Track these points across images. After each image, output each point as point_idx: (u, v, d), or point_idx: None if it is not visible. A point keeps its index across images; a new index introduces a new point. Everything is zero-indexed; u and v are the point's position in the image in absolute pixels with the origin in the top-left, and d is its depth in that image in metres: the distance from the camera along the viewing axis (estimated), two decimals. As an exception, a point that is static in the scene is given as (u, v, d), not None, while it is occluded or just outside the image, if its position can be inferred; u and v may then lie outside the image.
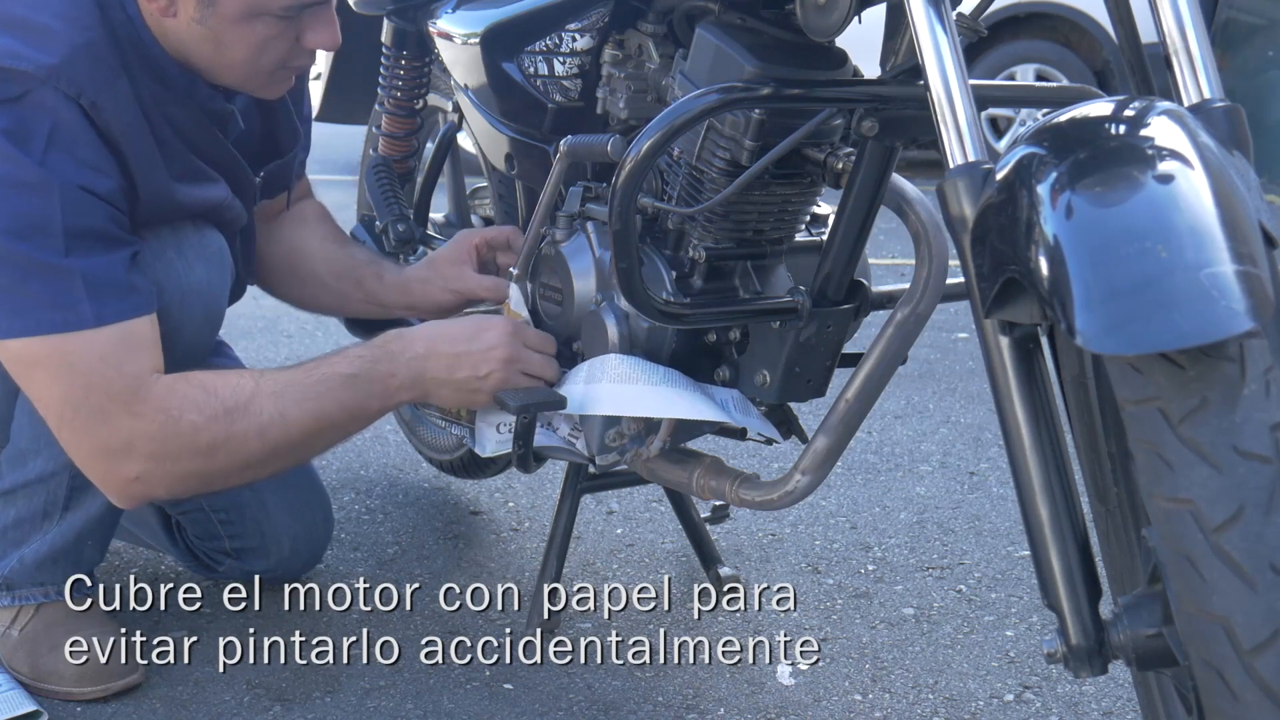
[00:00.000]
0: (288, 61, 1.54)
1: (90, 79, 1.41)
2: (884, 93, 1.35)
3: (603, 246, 1.57)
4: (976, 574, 2.00)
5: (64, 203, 1.39)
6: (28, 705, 1.57)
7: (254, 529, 1.84)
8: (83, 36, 1.42)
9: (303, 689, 1.64)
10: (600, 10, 1.61)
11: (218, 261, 1.60)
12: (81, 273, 1.40)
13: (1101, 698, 1.62)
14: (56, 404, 1.45)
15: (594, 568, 2.02)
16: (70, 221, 1.39)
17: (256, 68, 1.52)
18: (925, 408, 2.86)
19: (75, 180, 1.39)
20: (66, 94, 1.40)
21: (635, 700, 1.63)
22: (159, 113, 1.50)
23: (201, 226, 1.59)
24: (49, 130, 1.39)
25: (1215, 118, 1.07)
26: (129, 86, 1.45)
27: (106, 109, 1.42)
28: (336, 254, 1.89)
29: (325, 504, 1.93)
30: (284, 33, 1.49)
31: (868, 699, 1.64)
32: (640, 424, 1.59)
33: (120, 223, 1.45)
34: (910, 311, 1.44)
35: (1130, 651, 1.01)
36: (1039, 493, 1.04)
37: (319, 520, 1.91)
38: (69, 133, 1.40)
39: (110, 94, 1.43)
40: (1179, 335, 0.85)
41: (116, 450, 1.46)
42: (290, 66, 1.55)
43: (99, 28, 1.44)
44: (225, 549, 1.86)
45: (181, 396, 1.45)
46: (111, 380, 1.43)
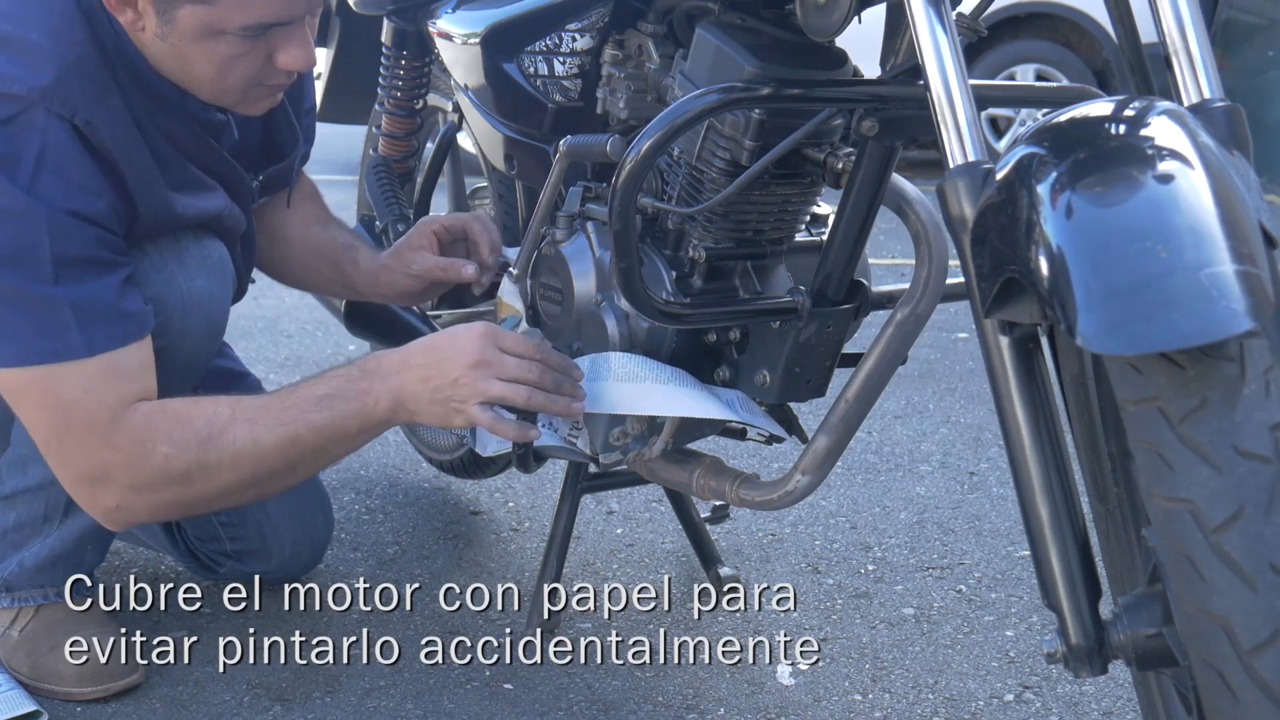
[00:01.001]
0: (262, 80, 1.49)
1: (82, 97, 1.40)
2: (884, 93, 1.35)
3: (603, 246, 1.57)
4: (976, 574, 2.00)
5: (52, 229, 1.37)
6: (28, 705, 1.57)
7: (254, 531, 1.84)
8: (72, 53, 1.40)
9: (303, 689, 1.64)
10: (600, 10, 1.61)
11: (219, 272, 1.59)
12: (71, 301, 1.38)
13: (1101, 698, 1.62)
14: (43, 431, 1.45)
15: (594, 568, 2.02)
16: (59, 249, 1.37)
17: (224, 86, 1.47)
18: (925, 408, 2.86)
19: (65, 205, 1.37)
20: (59, 114, 1.38)
21: (635, 700, 1.63)
22: (152, 125, 1.48)
23: (203, 237, 1.58)
24: (38, 152, 1.37)
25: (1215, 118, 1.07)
26: (120, 101, 1.43)
27: (101, 126, 1.41)
28: (317, 236, 1.89)
29: (326, 506, 1.93)
30: (251, 51, 1.44)
31: (868, 699, 1.64)
32: (644, 423, 1.59)
33: (113, 245, 1.43)
34: (910, 311, 1.44)
35: (1130, 651, 1.01)
36: (1039, 493, 1.04)
37: (319, 522, 1.91)
38: (60, 154, 1.38)
39: (103, 111, 1.41)
40: (1179, 335, 0.85)
41: (96, 479, 1.46)
42: (267, 85, 1.50)
43: (88, 43, 1.42)
44: (226, 551, 1.86)
45: (155, 428, 1.44)
46: (93, 412, 1.42)
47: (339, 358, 3.22)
